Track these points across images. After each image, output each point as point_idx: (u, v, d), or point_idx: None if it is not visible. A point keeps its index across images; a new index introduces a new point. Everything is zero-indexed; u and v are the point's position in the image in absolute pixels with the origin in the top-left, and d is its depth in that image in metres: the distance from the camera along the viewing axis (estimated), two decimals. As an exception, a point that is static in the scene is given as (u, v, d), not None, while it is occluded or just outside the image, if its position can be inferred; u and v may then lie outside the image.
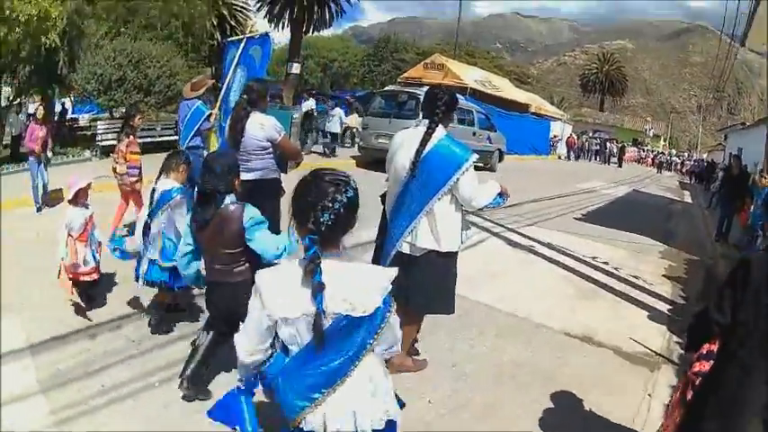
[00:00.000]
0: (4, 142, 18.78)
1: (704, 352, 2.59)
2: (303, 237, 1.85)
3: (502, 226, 9.88)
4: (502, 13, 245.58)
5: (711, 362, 2.46)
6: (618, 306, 6.51)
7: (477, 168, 3.65)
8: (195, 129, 7.34)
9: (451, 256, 3.82)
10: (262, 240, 3.25)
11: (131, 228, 6.24)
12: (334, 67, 51.29)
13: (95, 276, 5.11)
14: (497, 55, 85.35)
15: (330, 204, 1.82)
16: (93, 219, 5.20)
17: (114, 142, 14.92)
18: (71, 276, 4.89)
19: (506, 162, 19.96)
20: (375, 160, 14.88)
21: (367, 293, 1.86)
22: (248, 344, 2.04)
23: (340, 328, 1.84)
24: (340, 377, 1.88)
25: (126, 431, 3.42)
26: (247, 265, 3.38)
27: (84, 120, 24.19)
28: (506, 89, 32.33)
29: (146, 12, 20.23)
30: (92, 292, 5.21)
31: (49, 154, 11.13)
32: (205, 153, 7.45)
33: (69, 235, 4.94)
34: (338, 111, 19.62)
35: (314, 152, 18.54)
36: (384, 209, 4.16)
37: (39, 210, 9.91)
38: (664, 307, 6.59)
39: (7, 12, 13.52)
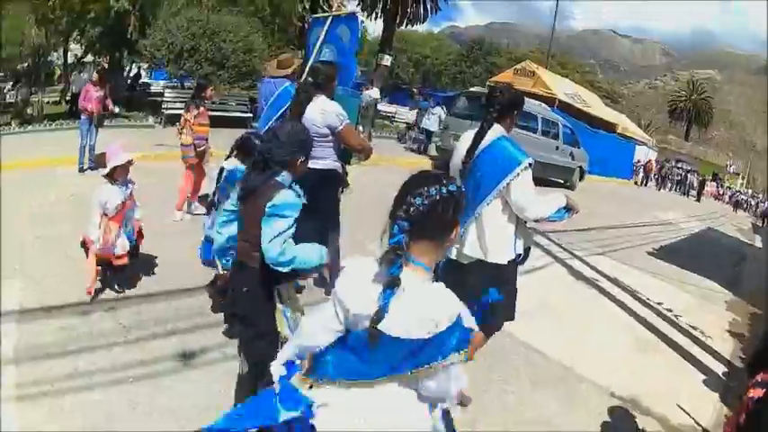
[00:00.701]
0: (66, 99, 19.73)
1: (759, 380, 2.72)
2: (392, 226, 1.77)
3: (568, 251, 9.35)
4: (597, 29, 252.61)
5: (765, 390, 2.64)
6: (673, 364, 5.87)
7: (555, 185, 3.36)
8: (281, 111, 7.25)
9: (501, 269, 3.58)
10: (266, 231, 2.86)
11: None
12: (426, 64, 51.84)
13: (125, 261, 4.97)
14: (589, 70, 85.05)
15: (426, 191, 1.75)
16: (133, 197, 5.03)
17: (181, 112, 15.76)
18: (102, 257, 4.81)
19: (586, 182, 19.36)
20: None
21: (426, 324, 1.74)
22: (313, 325, 1.99)
23: (386, 343, 1.76)
24: (369, 379, 1.83)
25: (80, 424, 3.30)
26: None
27: (157, 86, 25.11)
28: (595, 106, 31.80)
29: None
30: (121, 276, 5.10)
31: (108, 115, 11.42)
32: None
33: (104, 214, 4.79)
34: (439, 109, 19.52)
35: (407, 147, 19.22)
36: None
37: (81, 170, 10.23)
38: (721, 368, 5.99)
39: None
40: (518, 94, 3.82)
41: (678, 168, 44.77)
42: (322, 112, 4.73)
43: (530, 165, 3.46)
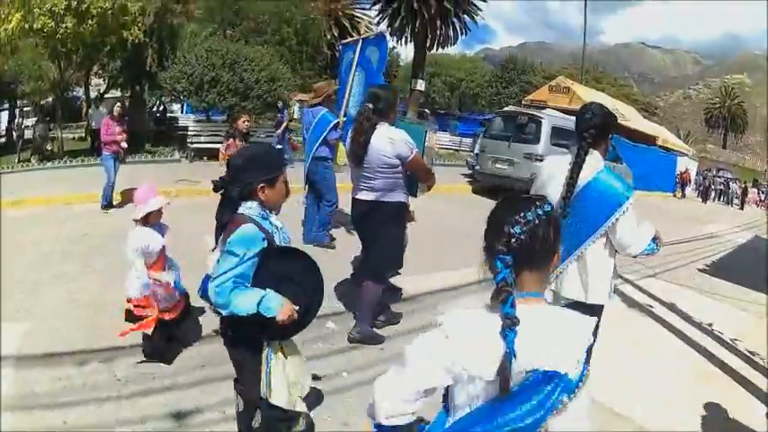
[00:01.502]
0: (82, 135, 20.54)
1: None
2: (493, 261, 1.68)
3: (619, 275, 8.92)
4: (628, 42, 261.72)
5: None
6: (728, 394, 5.37)
7: None
8: (321, 138, 7.73)
9: (597, 311, 3.57)
10: (217, 268, 2.80)
11: None
12: (461, 87, 53.27)
13: (180, 309, 4.83)
14: (624, 83, 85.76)
15: (523, 218, 1.70)
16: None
17: (208, 145, 16.63)
18: (151, 317, 4.58)
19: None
20: (492, 187, 14.93)
21: (571, 348, 1.67)
22: (398, 400, 1.79)
23: (530, 384, 1.64)
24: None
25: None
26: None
27: (186, 120, 25.92)
28: (633, 119, 31.74)
29: (254, 16, 21.38)
30: (177, 331, 4.95)
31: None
32: (332, 164, 8.03)
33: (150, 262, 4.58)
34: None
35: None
36: None
37: (104, 207, 10.66)
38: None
39: (74, 2, 14.82)
40: (610, 111, 3.65)
41: (719, 177, 45.64)
42: (391, 141, 4.63)
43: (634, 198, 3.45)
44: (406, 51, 48.38)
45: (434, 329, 1.77)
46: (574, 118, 3.72)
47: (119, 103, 12.34)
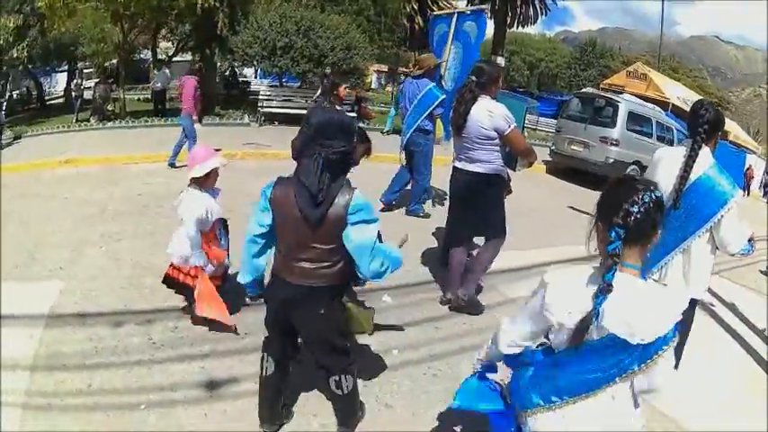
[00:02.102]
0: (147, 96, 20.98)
1: None
2: (609, 230, 2.02)
3: None
4: (703, 35, 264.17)
5: None
6: None
7: None
8: (427, 112, 7.99)
9: (692, 305, 3.91)
10: (361, 243, 2.85)
11: None
12: (540, 67, 54.44)
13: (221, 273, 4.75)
14: (698, 75, 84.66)
15: (640, 199, 2.00)
16: None
17: (279, 110, 17.02)
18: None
19: None
20: (566, 168, 15.20)
21: (653, 321, 1.99)
22: (515, 336, 2.36)
23: (607, 345, 2.03)
24: (586, 391, 2.11)
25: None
26: (340, 265, 3.02)
27: (260, 85, 26.12)
28: None
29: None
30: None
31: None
32: (433, 137, 8.49)
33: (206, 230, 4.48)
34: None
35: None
36: None
37: (172, 165, 10.78)
38: None
39: None
40: (720, 111, 3.94)
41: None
42: (490, 115, 4.88)
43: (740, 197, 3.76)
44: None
45: (540, 283, 2.22)
46: (651, 105, 3.87)
47: (199, 65, 12.41)
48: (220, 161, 4.50)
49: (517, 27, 34.36)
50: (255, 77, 30.68)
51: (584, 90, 20.73)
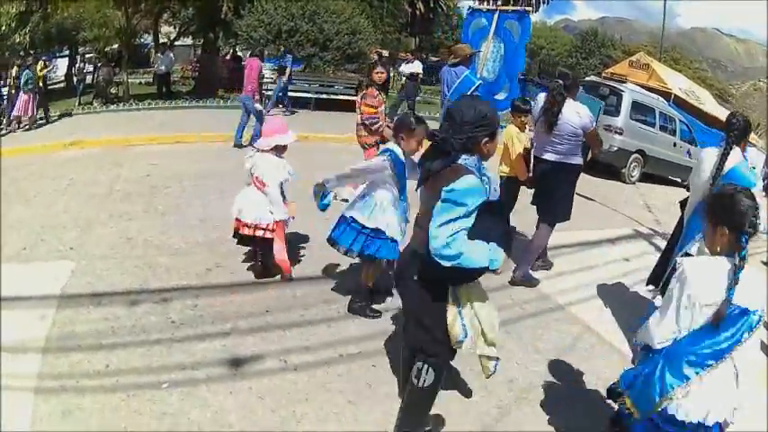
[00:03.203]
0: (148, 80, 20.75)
1: None
2: (739, 237, 2.49)
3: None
4: (704, 27, 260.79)
5: None
6: None
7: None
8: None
9: None
10: (437, 216, 2.68)
11: None
12: (541, 55, 55.00)
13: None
14: (699, 67, 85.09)
15: (758, 212, 2.51)
16: None
17: (294, 93, 16.94)
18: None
19: None
20: None
21: (756, 294, 2.50)
22: (666, 329, 2.57)
23: (733, 315, 2.44)
24: (718, 358, 2.46)
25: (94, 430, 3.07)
26: None
27: (264, 69, 26.13)
28: (709, 104, 31.02)
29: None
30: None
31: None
32: None
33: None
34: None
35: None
36: (682, 215, 5.18)
37: (238, 146, 11.00)
38: None
39: None
40: (748, 120, 4.82)
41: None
42: (578, 114, 5.66)
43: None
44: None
45: (676, 279, 2.57)
46: (653, 95, 5.64)
47: (260, 49, 13.45)
48: (292, 137, 4.95)
49: (491, 4, 34.34)
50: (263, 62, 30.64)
51: (588, 78, 20.70)
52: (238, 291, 4.82)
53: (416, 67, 18.45)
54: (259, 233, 4.88)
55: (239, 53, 27.29)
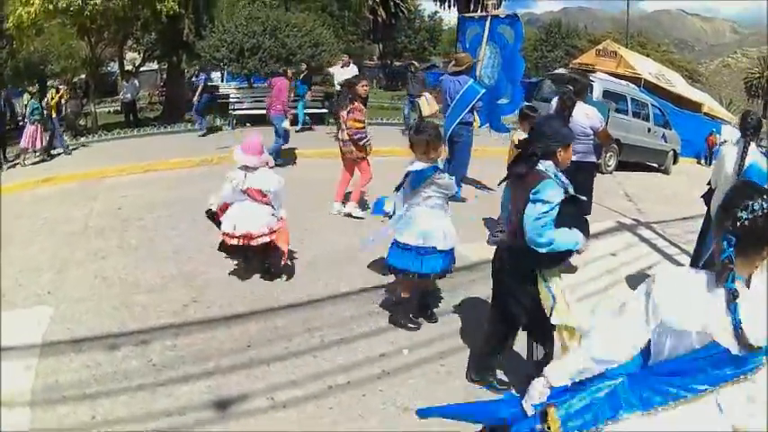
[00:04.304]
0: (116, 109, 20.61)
1: None
2: (720, 238, 1.95)
3: (675, 245, 7.78)
4: (668, 9, 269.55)
5: None
6: None
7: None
8: (470, 106, 8.80)
9: None
10: (528, 214, 3.37)
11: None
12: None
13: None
14: (666, 50, 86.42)
15: (750, 204, 1.92)
16: None
17: (251, 111, 16.82)
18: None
19: (680, 165, 18.17)
20: None
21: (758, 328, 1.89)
22: (613, 346, 2.12)
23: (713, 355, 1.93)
24: (688, 396, 1.96)
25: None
26: None
27: (228, 88, 26.11)
28: (679, 85, 31.43)
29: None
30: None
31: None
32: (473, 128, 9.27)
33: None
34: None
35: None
36: (708, 210, 5.57)
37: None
38: None
39: None
40: (760, 118, 5.51)
41: (760, 147, 46.77)
42: (587, 116, 6.46)
43: None
44: (449, 16, 49.53)
45: (645, 284, 2.11)
46: (623, 82, 5.89)
47: (284, 69, 13.22)
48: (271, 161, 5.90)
49: (482, 12, 34.54)
50: (222, 81, 30.43)
51: (555, 71, 20.76)
52: (217, 326, 4.78)
53: (352, 72, 15.60)
54: (264, 239, 5.37)
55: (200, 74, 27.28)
